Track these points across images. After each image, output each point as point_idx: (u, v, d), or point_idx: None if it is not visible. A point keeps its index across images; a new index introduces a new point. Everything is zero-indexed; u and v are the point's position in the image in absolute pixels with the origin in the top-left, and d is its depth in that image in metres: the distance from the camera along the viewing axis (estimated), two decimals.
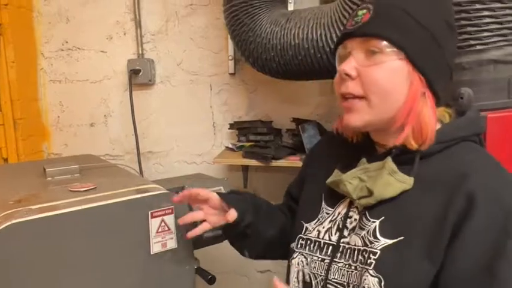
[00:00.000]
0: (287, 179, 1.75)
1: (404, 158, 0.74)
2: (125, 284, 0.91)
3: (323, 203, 0.84)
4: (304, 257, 0.82)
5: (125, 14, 1.89)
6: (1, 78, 1.86)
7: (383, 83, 0.71)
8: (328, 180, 0.82)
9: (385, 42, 0.70)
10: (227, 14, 1.43)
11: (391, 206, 0.73)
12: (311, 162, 0.97)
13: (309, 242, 0.82)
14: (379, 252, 0.71)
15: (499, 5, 1.01)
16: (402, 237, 0.70)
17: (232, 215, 0.85)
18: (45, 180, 1.10)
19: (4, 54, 1.85)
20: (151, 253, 0.93)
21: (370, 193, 0.73)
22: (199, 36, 1.82)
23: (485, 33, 1.02)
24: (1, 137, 1.88)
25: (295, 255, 0.84)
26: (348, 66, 0.72)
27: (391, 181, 0.72)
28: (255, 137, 1.68)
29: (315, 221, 0.84)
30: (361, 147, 0.82)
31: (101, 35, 1.94)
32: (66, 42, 1.99)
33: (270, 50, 1.34)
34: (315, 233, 0.82)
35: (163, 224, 0.94)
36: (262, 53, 1.37)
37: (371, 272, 0.70)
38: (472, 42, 1.03)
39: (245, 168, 1.78)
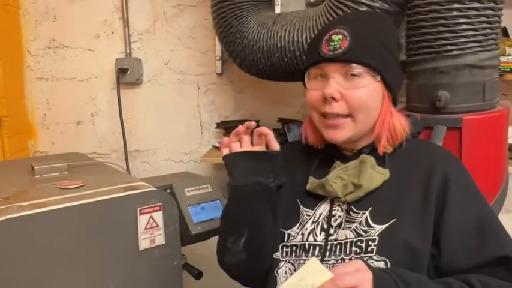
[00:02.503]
0: None
1: (374, 154, 0.85)
2: (113, 279, 0.93)
3: (301, 207, 0.88)
4: (292, 264, 0.83)
5: (113, 12, 1.89)
6: None
7: (367, 103, 0.82)
8: (309, 186, 0.88)
9: (365, 68, 0.81)
10: (215, 15, 1.45)
11: (375, 197, 0.82)
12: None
13: (294, 247, 0.84)
14: (377, 238, 0.78)
15: (475, 12, 1.06)
16: (395, 219, 0.79)
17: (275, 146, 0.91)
18: (34, 177, 1.10)
19: None
20: (140, 249, 0.95)
21: (357, 187, 0.82)
22: (187, 36, 1.84)
23: (462, 39, 1.07)
24: None
25: (281, 265, 0.84)
26: (332, 90, 0.81)
27: (373, 174, 0.82)
28: None
29: (297, 226, 0.86)
30: (328, 153, 0.91)
31: (88, 34, 1.93)
32: (53, 40, 1.98)
33: (257, 52, 1.37)
34: (299, 237, 0.85)
35: (151, 220, 0.96)
36: (249, 54, 1.40)
37: (375, 257, 0.76)
38: (449, 47, 1.08)
39: None
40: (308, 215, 0.86)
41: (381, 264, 0.75)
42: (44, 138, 2.06)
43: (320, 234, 0.83)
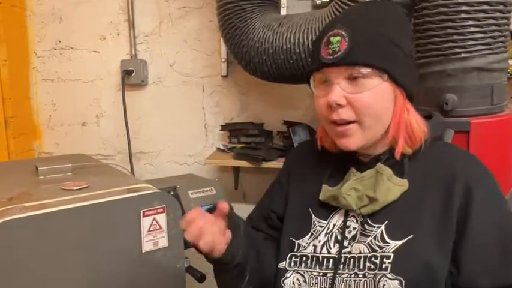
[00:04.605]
0: None
1: (392, 161, 0.78)
2: (116, 281, 0.92)
3: (313, 217, 0.84)
4: (301, 274, 0.80)
5: (119, 14, 1.90)
6: None
7: (375, 106, 0.75)
8: (322, 197, 0.83)
9: (369, 69, 0.74)
10: (220, 17, 1.45)
11: (392, 209, 0.76)
12: (290, 181, 0.93)
13: (304, 258, 0.81)
14: (392, 255, 0.73)
15: (483, 14, 1.04)
16: (412, 235, 0.73)
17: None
18: (38, 178, 1.10)
19: None
20: (143, 251, 0.95)
21: (373, 200, 0.76)
22: (193, 38, 1.84)
23: (470, 42, 1.06)
24: None
25: (288, 275, 0.81)
26: (336, 96, 0.75)
27: (390, 186, 0.76)
28: (246, 138, 1.70)
29: (308, 236, 0.82)
30: (343, 158, 0.84)
31: (94, 35, 1.94)
32: (59, 41, 1.99)
33: (262, 54, 1.37)
34: (310, 248, 0.81)
35: (154, 222, 0.95)
36: (254, 57, 1.39)
37: (389, 275, 0.72)
38: (457, 50, 1.07)
39: (236, 170, 1.80)
40: (321, 226, 0.82)
41: (396, 284, 0.71)
42: (49, 139, 2.07)
43: (334, 246, 0.79)
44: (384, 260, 0.73)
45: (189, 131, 1.89)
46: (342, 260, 0.77)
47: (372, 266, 0.74)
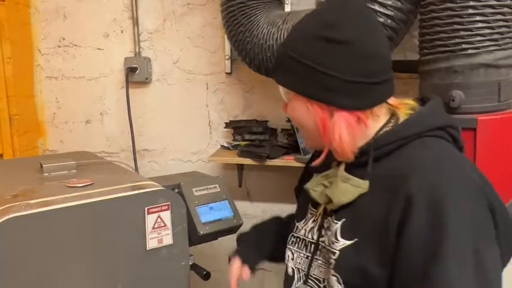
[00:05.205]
0: (281, 179, 1.78)
1: (360, 160, 0.77)
2: (120, 279, 0.92)
3: (309, 204, 0.89)
4: (292, 252, 0.89)
5: (123, 11, 1.89)
6: None
7: (296, 118, 0.81)
8: (304, 186, 0.86)
9: (280, 86, 0.80)
10: (224, 14, 1.44)
11: (352, 209, 0.76)
12: (308, 166, 0.97)
13: (298, 239, 0.88)
14: (338, 252, 0.75)
15: (491, 10, 1.03)
16: (357, 239, 0.74)
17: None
18: (42, 175, 1.10)
19: (1, 50, 1.84)
20: (147, 249, 0.94)
21: (329, 199, 0.78)
22: (196, 35, 1.83)
23: (478, 38, 1.05)
24: None
25: (287, 250, 0.91)
26: (282, 105, 0.84)
27: (348, 188, 0.76)
28: (250, 136, 1.70)
29: (303, 221, 0.89)
30: (329, 155, 0.85)
31: (98, 33, 1.94)
32: (63, 39, 1.99)
33: (267, 51, 1.36)
34: (302, 232, 0.88)
35: (159, 220, 0.95)
36: (258, 54, 1.39)
37: (331, 271, 0.75)
38: (464, 46, 1.06)
39: (240, 167, 1.79)
40: (311, 214, 0.88)
41: (334, 280, 0.75)
42: (53, 136, 2.07)
43: (316, 233, 0.84)
44: (331, 255, 0.76)
45: (193, 129, 1.89)
46: (319, 247, 0.82)
47: (327, 259, 0.79)
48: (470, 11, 1.04)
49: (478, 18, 1.04)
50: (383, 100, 0.77)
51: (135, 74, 1.86)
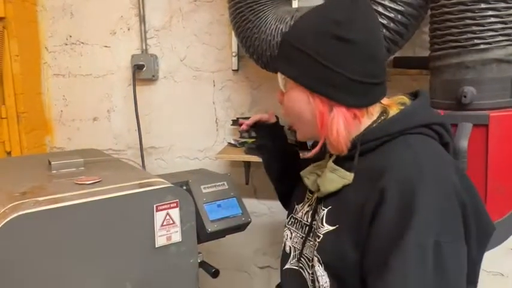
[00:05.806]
0: None
1: (349, 154, 0.81)
2: (129, 276, 0.92)
3: (307, 189, 0.93)
4: (290, 232, 0.95)
5: (129, 9, 1.89)
6: (5, 72, 1.86)
7: (293, 109, 0.83)
8: (301, 172, 0.91)
9: (281, 74, 0.83)
10: (232, 10, 1.43)
11: (337, 198, 0.81)
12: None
13: (296, 221, 0.95)
14: (321, 236, 0.81)
15: (503, 4, 1.02)
16: (338, 225, 0.79)
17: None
18: (50, 173, 1.10)
19: (8, 48, 1.86)
20: (156, 246, 0.94)
21: (318, 188, 0.84)
22: (203, 33, 1.82)
23: (490, 33, 1.03)
24: (4, 131, 1.89)
25: (285, 229, 0.97)
26: (278, 94, 0.88)
27: (334, 178, 0.81)
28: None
29: (301, 204, 0.95)
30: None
31: (104, 30, 1.94)
32: (70, 36, 1.99)
33: (275, 47, 1.35)
34: (300, 214, 0.94)
35: (168, 217, 0.94)
36: (266, 50, 1.38)
37: (315, 252, 0.81)
38: (476, 41, 1.04)
39: (247, 164, 1.79)
40: (308, 198, 0.93)
41: (316, 260, 0.80)
42: (60, 134, 2.08)
43: (310, 216, 0.89)
44: (316, 238, 0.82)
45: (200, 126, 1.88)
46: (312, 229, 0.87)
47: (314, 242, 0.83)
48: (483, 5, 1.02)
49: (490, 13, 1.02)
50: (379, 100, 0.82)
51: (142, 71, 1.86)
